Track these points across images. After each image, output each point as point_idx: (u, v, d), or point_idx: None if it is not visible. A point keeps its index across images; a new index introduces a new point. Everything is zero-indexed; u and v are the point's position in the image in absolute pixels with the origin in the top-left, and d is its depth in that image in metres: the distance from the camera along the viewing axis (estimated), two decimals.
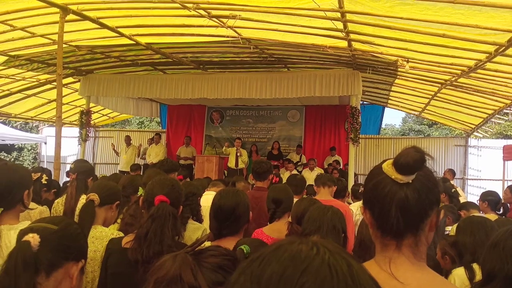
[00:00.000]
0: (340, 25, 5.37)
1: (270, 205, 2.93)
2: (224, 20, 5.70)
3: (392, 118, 62.26)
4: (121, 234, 2.30)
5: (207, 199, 3.27)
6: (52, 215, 3.42)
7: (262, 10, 5.27)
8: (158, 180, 2.09)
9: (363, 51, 6.57)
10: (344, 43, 6.25)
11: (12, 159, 20.90)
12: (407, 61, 6.32)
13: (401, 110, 12.53)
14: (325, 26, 5.59)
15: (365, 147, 12.31)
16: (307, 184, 4.57)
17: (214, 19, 5.67)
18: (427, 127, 26.17)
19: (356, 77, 8.03)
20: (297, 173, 9.35)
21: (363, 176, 11.56)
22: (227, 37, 6.23)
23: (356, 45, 6.31)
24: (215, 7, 5.44)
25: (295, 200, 3.10)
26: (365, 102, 11.68)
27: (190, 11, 5.37)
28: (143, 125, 23.84)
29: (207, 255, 1.12)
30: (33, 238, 1.23)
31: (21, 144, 21.08)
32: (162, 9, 5.66)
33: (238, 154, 10.16)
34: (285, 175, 8.64)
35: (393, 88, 9.34)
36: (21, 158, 22.35)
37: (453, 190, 4.92)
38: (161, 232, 1.84)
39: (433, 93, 8.44)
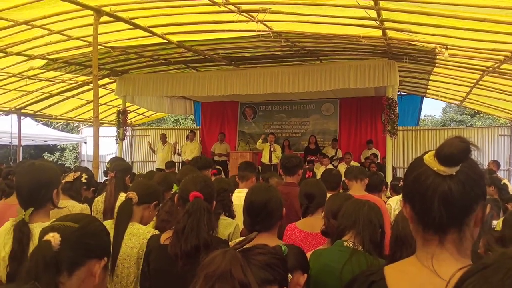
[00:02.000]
0: (373, 13, 5.20)
1: (302, 201, 2.89)
2: (254, 14, 5.66)
3: (431, 108, 60.42)
4: (157, 232, 2.34)
5: (239, 198, 3.26)
6: (92, 213, 3.53)
7: (292, 2, 5.20)
8: (191, 178, 2.16)
9: (399, 39, 6.36)
10: (378, 32, 6.07)
11: (55, 159, 21.84)
12: (446, 48, 6.06)
13: (441, 100, 12.08)
14: (358, 16, 5.44)
15: (403, 139, 11.98)
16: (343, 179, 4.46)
17: (244, 14, 5.64)
18: (469, 117, 25.17)
19: (392, 67, 7.80)
20: (333, 167, 9.21)
21: (402, 170, 11.27)
22: (258, 31, 6.18)
23: (391, 33, 6.11)
24: (244, 1, 5.41)
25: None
26: (402, 93, 11.35)
27: (220, 7, 5.36)
28: (178, 123, 24.25)
29: (256, 252, 1.14)
30: (54, 237, 1.22)
31: (63, 144, 21.99)
32: (192, 6, 5.69)
33: (272, 149, 10.12)
34: (320, 170, 8.54)
35: (432, 77, 9.02)
36: (63, 158, 23.31)
37: (502, 182, 4.68)
38: (197, 226, 1.91)
39: (474, 81, 8.08)
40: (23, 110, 11.21)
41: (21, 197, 1.99)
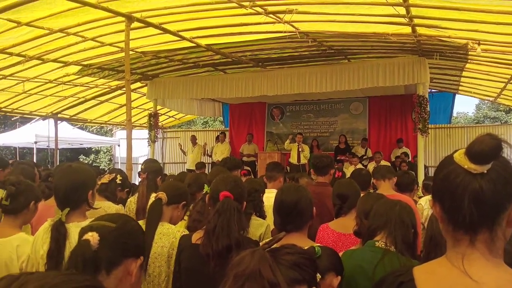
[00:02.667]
0: (402, 10, 5.13)
1: (335, 201, 2.86)
2: (281, 15, 5.68)
3: (464, 105, 58.61)
4: (187, 232, 2.39)
5: (268, 198, 3.29)
6: (125, 213, 3.64)
7: (319, 1, 5.19)
8: (221, 178, 2.18)
9: (429, 36, 6.23)
10: (407, 29, 5.97)
11: (90, 161, 22.50)
12: (478, 44, 5.89)
13: (474, 97, 11.72)
14: (386, 13, 5.37)
15: (435, 137, 11.68)
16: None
17: (271, 15, 5.67)
18: (504, 113, 24.27)
19: (422, 64, 7.63)
20: (362, 167, 9.10)
21: (434, 169, 10.94)
22: (285, 32, 6.20)
23: (420, 30, 6.00)
24: (271, 3, 5.44)
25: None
26: (433, 90, 11.08)
27: (247, 9, 5.41)
28: (207, 125, 24.53)
29: (284, 252, 1.14)
30: (92, 237, 1.24)
31: (98, 147, 22.61)
32: (220, 9, 5.76)
33: (300, 149, 10.08)
34: (349, 170, 8.46)
35: (464, 74, 8.77)
36: (98, 160, 23.98)
37: None
38: (227, 226, 1.91)
39: (509, 76, 7.81)
40: (59, 115, 11.62)
41: (58, 198, 2.07)
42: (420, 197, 5.05)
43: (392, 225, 1.92)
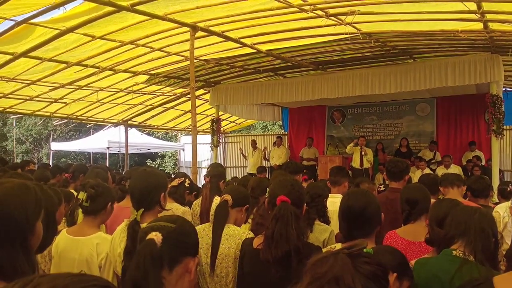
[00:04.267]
0: (473, 6, 4.86)
1: (404, 206, 2.75)
2: (342, 17, 5.61)
3: None
4: (252, 234, 2.43)
5: (333, 203, 3.25)
6: (191, 215, 3.77)
7: (382, 1, 5.06)
8: (278, 182, 2.18)
9: (503, 31, 5.84)
10: (479, 25, 5.64)
11: (156, 166, 23.54)
12: None
13: None
14: (455, 9, 5.12)
15: (511, 139, 10.86)
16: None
17: (332, 18, 5.62)
18: None
19: (496, 61, 7.15)
20: (430, 171, 8.68)
21: (511, 173, 10.21)
22: (346, 34, 6.11)
23: (493, 25, 5.64)
24: (332, 5, 5.39)
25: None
26: (507, 89, 10.32)
27: (308, 13, 5.41)
28: (266, 129, 24.68)
29: (363, 261, 1.12)
30: (157, 236, 1.33)
31: (163, 152, 23.62)
32: (280, 15, 5.81)
33: (363, 153, 9.79)
34: (416, 174, 8.11)
35: None
36: (163, 165, 25.03)
37: None
38: (286, 231, 1.89)
39: None
40: (129, 122, 12.31)
41: (134, 199, 2.21)
42: (495, 204, 4.73)
43: (471, 233, 1.81)
